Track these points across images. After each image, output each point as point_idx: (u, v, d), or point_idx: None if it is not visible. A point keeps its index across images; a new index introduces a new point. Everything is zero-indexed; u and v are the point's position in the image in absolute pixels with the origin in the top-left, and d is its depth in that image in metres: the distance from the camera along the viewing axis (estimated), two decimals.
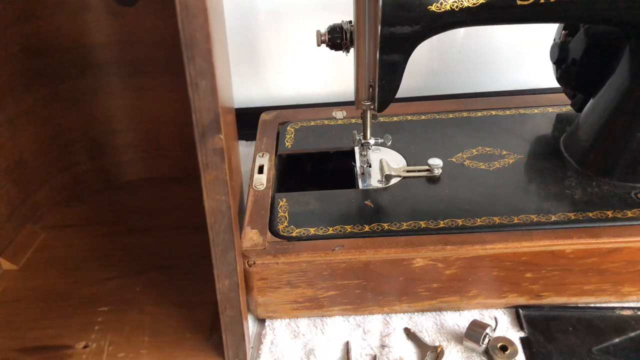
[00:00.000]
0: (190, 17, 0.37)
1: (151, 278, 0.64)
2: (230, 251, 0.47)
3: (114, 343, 0.56)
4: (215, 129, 0.41)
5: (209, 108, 0.40)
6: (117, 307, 0.61)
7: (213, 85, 0.39)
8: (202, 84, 0.39)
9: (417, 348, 0.57)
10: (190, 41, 0.38)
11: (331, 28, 0.57)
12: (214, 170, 0.43)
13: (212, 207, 0.44)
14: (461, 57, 0.88)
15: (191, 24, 0.37)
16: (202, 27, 0.37)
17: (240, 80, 0.89)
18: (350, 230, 0.58)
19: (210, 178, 0.43)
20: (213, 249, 0.46)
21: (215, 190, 0.43)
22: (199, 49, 0.38)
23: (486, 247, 0.54)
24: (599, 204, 0.59)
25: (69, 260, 0.67)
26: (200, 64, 0.38)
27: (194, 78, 0.39)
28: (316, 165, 0.73)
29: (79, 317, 0.60)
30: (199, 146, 0.42)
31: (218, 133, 0.41)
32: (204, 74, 0.39)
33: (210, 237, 0.46)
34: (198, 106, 0.40)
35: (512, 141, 0.69)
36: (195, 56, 0.38)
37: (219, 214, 0.45)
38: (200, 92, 0.39)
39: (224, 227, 0.45)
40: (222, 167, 0.42)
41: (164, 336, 0.57)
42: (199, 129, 0.41)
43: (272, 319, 0.61)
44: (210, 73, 0.39)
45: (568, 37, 0.65)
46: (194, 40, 0.38)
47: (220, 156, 0.42)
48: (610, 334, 0.56)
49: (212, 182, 0.43)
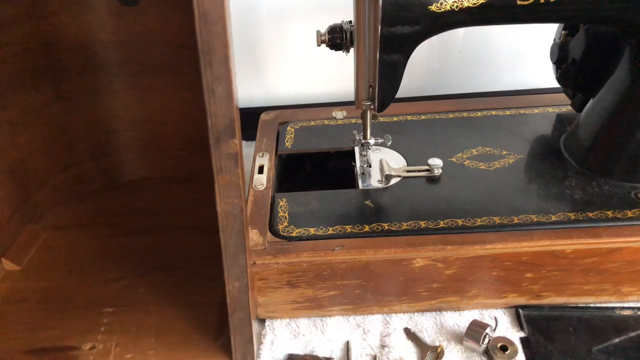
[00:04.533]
0: (209, 24, 0.37)
1: (155, 279, 0.64)
2: (241, 254, 0.47)
3: (120, 344, 0.56)
4: (230, 134, 0.41)
5: (225, 114, 0.41)
6: (122, 308, 0.60)
7: (229, 91, 0.40)
8: (218, 89, 0.40)
9: (417, 348, 0.57)
10: (207, 47, 0.38)
11: (331, 28, 0.57)
12: (227, 174, 0.43)
13: (225, 211, 0.45)
14: (461, 57, 0.88)
15: (210, 31, 0.37)
16: (220, 34, 0.38)
17: (240, 80, 0.89)
18: (350, 230, 0.58)
19: (224, 182, 0.43)
20: (224, 251, 0.47)
21: (228, 194, 0.44)
22: (216, 55, 0.38)
23: (486, 247, 0.54)
24: (599, 204, 0.59)
25: (71, 261, 0.67)
26: (217, 70, 0.39)
27: (211, 84, 0.39)
28: (316, 165, 0.73)
29: (84, 318, 0.59)
30: (214, 150, 0.42)
31: (233, 138, 0.41)
32: (220, 79, 0.39)
33: (222, 240, 0.46)
34: (214, 111, 0.40)
35: (512, 141, 0.69)
36: (212, 62, 0.39)
37: (232, 217, 0.45)
38: (216, 97, 0.40)
39: (236, 230, 0.46)
40: (235, 172, 0.43)
41: (171, 337, 0.57)
42: (214, 134, 0.41)
43: (272, 319, 0.61)
44: (227, 79, 0.39)
45: (568, 37, 0.65)
46: (212, 46, 0.38)
47: (234, 160, 0.42)
48: (610, 334, 0.56)
49: (226, 186, 0.43)
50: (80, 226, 0.72)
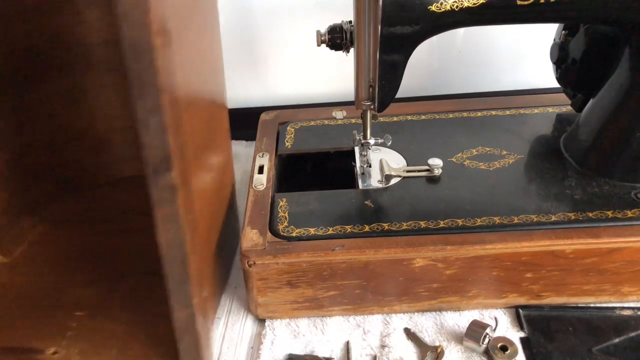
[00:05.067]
0: (139, 55, 0.35)
1: (136, 283, 0.62)
2: (185, 284, 0.46)
3: (82, 352, 0.55)
4: (166, 167, 0.39)
5: (160, 146, 0.38)
6: (93, 312, 0.59)
7: (164, 122, 0.37)
8: (152, 122, 0.37)
9: (417, 348, 0.57)
10: (138, 80, 0.35)
11: (331, 28, 0.57)
12: (166, 206, 0.41)
13: (166, 242, 0.43)
14: (461, 57, 0.88)
15: (140, 62, 0.35)
16: (151, 64, 0.35)
17: (240, 80, 0.89)
18: (350, 230, 0.58)
19: (162, 214, 0.41)
20: (167, 280, 0.45)
21: (167, 226, 0.42)
22: (148, 87, 0.36)
23: (486, 247, 0.54)
24: (599, 204, 0.59)
25: (59, 258, 0.66)
26: (149, 102, 0.36)
27: (144, 116, 0.37)
28: (316, 165, 0.73)
29: (54, 319, 0.58)
30: (151, 182, 0.40)
31: (169, 171, 0.39)
32: (154, 111, 0.37)
33: (165, 270, 0.45)
34: (148, 143, 0.38)
35: (512, 141, 0.69)
36: (144, 94, 0.36)
37: (172, 248, 0.43)
38: (150, 130, 0.37)
39: (178, 261, 0.44)
40: (174, 204, 0.41)
41: (133, 350, 0.55)
42: (149, 166, 0.39)
43: (272, 319, 0.61)
44: (162, 110, 0.37)
45: (568, 37, 0.65)
46: (142, 78, 0.35)
47: (172, 193, 0.40)
48: (610, 334, 0.56)
49: (165, 218, 0.42)
50: (74, 222, 0.72)
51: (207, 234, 0.54)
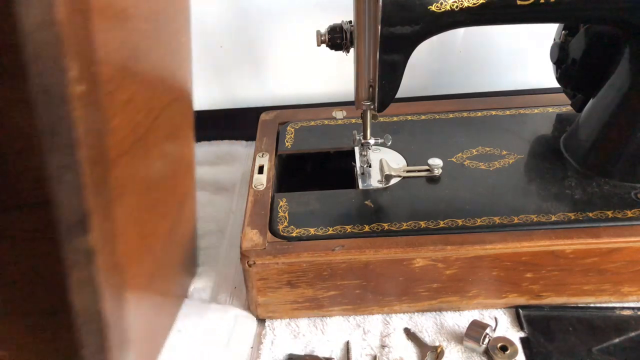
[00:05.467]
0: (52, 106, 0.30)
1: None
2: (100, 353, 0.41)
3: None
4: (81, 229, 0.34)
5: (75, 205, 0.33)
6: None
7: (79, 181, 0.32)
8: (66, 177, 0.32)
9: (417, 348, 0.57)
10: (51, 130, 0.30)
11: (331, 28, 0.57)
12: (82, 270, 0.36)
13: (82, 308, 0.38)
14: (461, 57, 0.88)
15: (52, 114, 0.30)
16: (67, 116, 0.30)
17: (240, 80, 0.89)
18: (350, 230, 0.58)
19: (78, 278, 0.36)
20: (83, 350, 0.40)
21: (83, 291, 0.37)
22: (62, 140, 0.31)
23: (486, 247, 0.54)
24: (599, 204, 0.59)
25: None
26: (63, 157, 0.31)
27: (57, 172, 0.32)
28: (316, 165, 0.73)
29: None
30: (64, 243, 0.34)
31: (85, 234, 0.34)
32: (69, 167, 0.32)
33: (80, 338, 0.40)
34: (61, 202, 0.33)
35: (512, 141, 0.69)
36: (57, 147, 0.31)
37: (88, 314, 0.39)
38: (63, 186, 0.32)
39: (94, 329, 0.39)
40: (90, 268, 0.36)
41: None
42: (63, 226, 0.34)
43: (272, 319, 0.61)
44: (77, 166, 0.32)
45: (568, 37, 0.65)
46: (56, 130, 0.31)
47: (88, 257, 0.35)
48: (610, 334, 0.56)
49: (80, 282, 0.36)
50: None
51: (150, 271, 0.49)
